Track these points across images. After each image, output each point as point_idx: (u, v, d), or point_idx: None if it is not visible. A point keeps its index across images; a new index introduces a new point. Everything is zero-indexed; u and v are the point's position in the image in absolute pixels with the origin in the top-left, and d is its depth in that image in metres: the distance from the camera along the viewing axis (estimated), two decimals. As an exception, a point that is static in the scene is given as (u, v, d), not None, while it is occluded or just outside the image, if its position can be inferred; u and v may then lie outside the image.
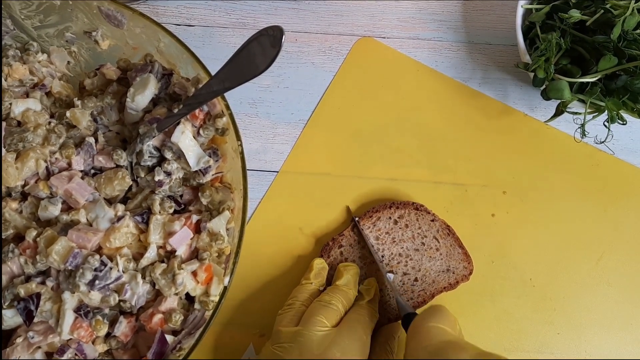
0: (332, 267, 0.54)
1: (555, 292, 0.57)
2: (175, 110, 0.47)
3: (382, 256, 0.54)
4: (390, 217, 0.55)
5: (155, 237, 0.47)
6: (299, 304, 0.50)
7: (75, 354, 0.44)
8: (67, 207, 0.47)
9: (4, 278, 0.44)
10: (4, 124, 0.47)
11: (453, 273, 0.55)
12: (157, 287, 0.46)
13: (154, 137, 0.47)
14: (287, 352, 0.45)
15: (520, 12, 0.57)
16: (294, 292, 0.52)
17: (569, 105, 0.55)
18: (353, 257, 0.54)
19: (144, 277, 0.46)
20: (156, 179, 0.47)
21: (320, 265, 0.54)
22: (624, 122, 0.54)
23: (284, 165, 0.59)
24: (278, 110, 0.61)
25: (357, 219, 0.56)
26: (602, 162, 0.60)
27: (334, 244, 0.55)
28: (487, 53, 0.63)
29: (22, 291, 0.43)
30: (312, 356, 0.44)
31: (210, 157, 0.48)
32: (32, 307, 0.43)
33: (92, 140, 0.49)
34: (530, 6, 0.57)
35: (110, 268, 0.44)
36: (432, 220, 0.55)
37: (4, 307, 0.44)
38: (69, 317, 0.43)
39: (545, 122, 0.60)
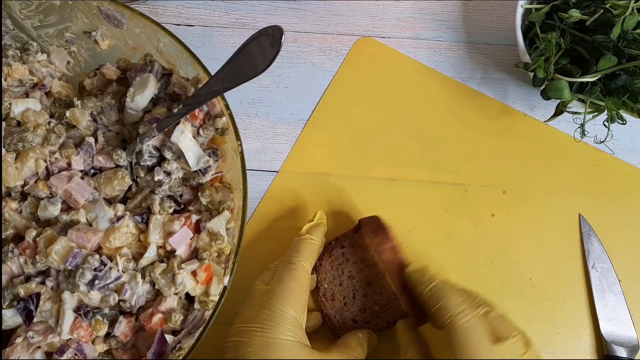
0: (332, 267, 0.54)
1: (555, 292, 0.56)
2: (175, 110, 0.47)
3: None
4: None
5: (155, 237, 0.47)
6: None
7: (75, 354, 0.44)
8: (67, 207, 0.47)
9: (4, 278, 0.44)
10: (3, 124, 0.47)
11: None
12: (156, 287, 0.46)
13: (153, 137, 0.47)
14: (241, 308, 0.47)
15: (520, 12, 0.57)
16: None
17: (568, 105, 0.55)
18: (355, 258, 0.54)
19: (143, 277, 0.46)
20: (156, 178, 0.47)
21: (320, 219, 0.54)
22: (624, 122, 0.54)
23: (283, 165, 0.59)
24: (278, 110, 0.61)
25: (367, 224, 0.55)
26: (601, 162, 0.60)
27: (336, 243, 0.55)
28: (487, 53, 0.63)
29: (21, 291, 0.43)
30: (252, 308, 0.46)
31: (210, 157, 0.48)
32: (32, 307, 0.43)
33: (91, 140, 0.49)
34: (530, 6, 0.57)
35: (110, 268, 0.44)
36: None
37: (4, 307, 0.44)
38: (68, 317, 0.43)
39: (545, 122, 0.60)
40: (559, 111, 0.56)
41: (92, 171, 0.49)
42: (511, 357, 0.43)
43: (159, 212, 0.47)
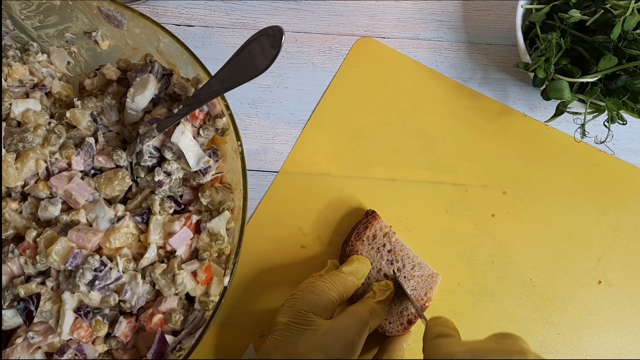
0: (370, 244, 0.54)
1: (555, 292, 0.56)
2: (175, 111, 0.47)
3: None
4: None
5: (155, 238, 0.47)
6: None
7: (75, 354, 0.44)
8: (67, 208, 0.47)
9: (4, 278, 0.44)
10: (4, 124, 0.47)
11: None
12: (157, 287, 0.46)
13: (154, 137, 0.47)
14: (275, 347, 0.44)
15: (520, 12, 0.57)
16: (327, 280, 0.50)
17: (569, 105, 0.55)
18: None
19: (144, 278, 0.46)
20: (156, 179, 0.47)
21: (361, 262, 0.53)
22: (624, 122, 0.54)
23: (284, 166, 0.59)
24: (278, 111, 0.61)
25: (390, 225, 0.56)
26: (602, 162, 0.60)
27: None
28: (487, 53, 0.63)
29: (22, 291, 0.43)
30: (296, 355, 0.43)
31: (210, 157, 0.48)
32: (32, 308, 0.43)
33: (92, 140, 0.49)
34: (530, 6, 0.57)
35: (110, 268, 0.44)
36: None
37: (4, 307, 0.44)
38: (69, 317, 0.43)
39: (545, 122, 0.60)
40: (559, 111, 0.56)
41: (92, 171, 0.49)
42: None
43: (159, 213, 0.47)
